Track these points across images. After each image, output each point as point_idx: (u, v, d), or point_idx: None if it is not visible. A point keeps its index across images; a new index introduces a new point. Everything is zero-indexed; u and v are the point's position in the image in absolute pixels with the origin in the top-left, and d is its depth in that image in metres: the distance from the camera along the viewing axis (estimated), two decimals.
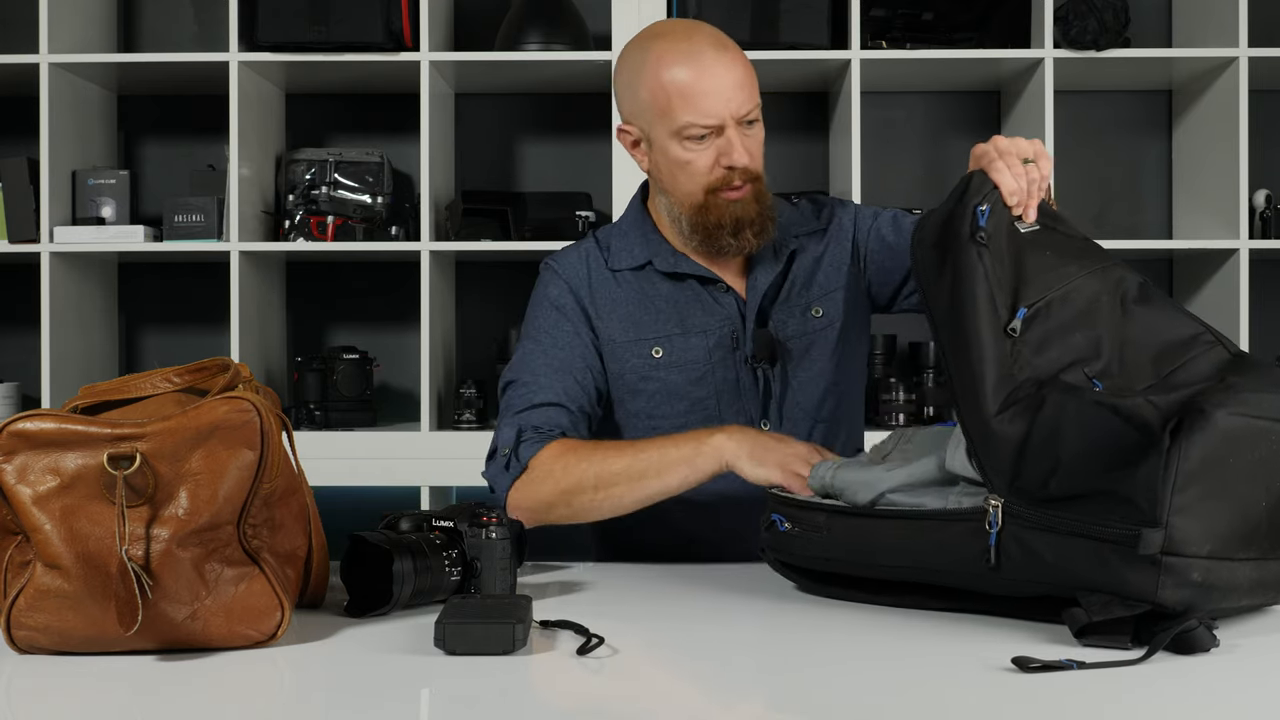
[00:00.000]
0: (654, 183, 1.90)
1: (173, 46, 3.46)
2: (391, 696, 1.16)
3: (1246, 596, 1.32)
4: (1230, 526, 1.28)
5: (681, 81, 1.77)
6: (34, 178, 3.13)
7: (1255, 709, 1.15)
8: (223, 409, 1.28)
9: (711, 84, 1.76)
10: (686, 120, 1.77)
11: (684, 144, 1.79)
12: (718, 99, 1.76)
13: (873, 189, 3.30)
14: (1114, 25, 3.08)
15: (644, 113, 1.82)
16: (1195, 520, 1.25)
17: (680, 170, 1.81)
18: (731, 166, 1.79)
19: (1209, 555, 1.26)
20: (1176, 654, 1.24)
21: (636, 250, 1.91)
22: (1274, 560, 1.32)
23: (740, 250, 1.85)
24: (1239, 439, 1.27)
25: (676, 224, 1.87)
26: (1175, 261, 3.49)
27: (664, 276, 1.90)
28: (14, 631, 1.26)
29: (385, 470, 3.09)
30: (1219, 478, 1.26)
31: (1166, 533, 1.25)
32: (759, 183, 1.83)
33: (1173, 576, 1.25)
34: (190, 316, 3.48)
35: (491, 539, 1.48)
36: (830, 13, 3.13)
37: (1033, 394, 1.36)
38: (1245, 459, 1.28)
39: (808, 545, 1.53)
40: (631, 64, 1.84)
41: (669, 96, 1.77)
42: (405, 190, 3.41)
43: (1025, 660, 1.18)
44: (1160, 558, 1.25)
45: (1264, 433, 1.29)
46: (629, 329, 1.88)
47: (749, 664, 1.29)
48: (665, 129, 1.80)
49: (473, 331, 3.45)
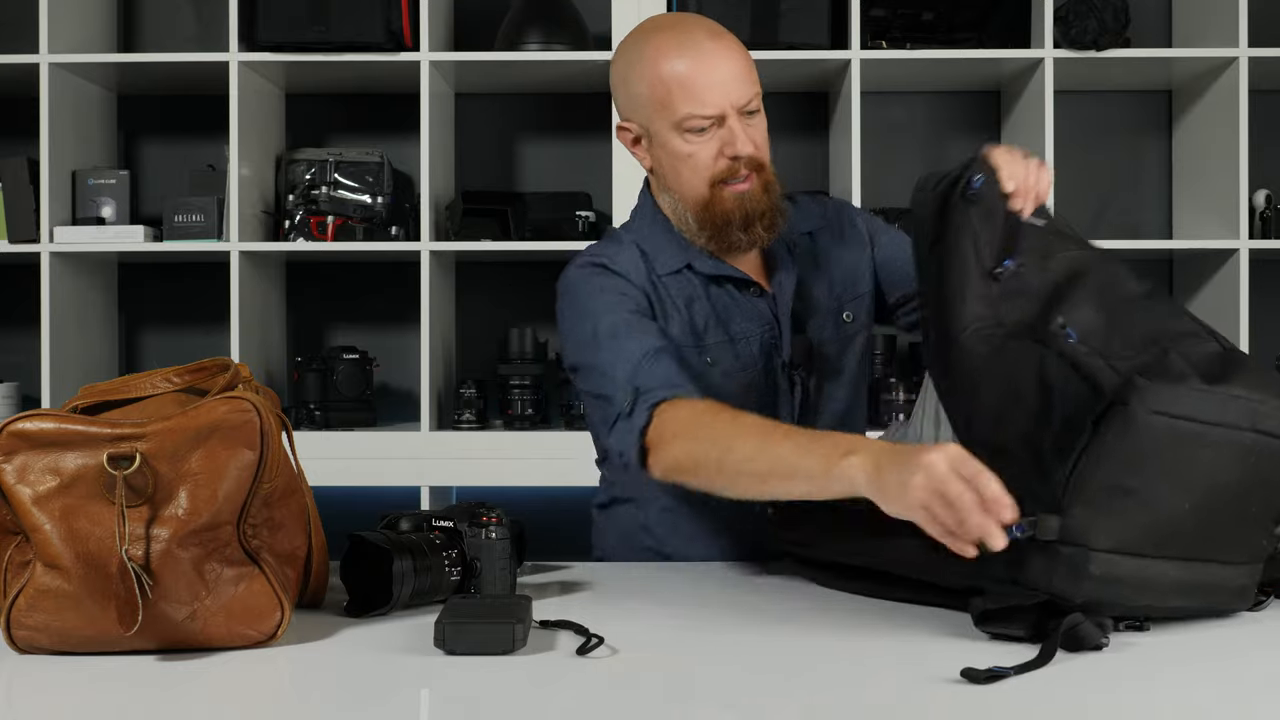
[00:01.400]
0: (657, 181, 1.85)
1: (173, 46, 3.46)
2: (391, 696, 1.16)
3: (1173, 597, 1.30)
4: (1142, 526, 1.26)
5: (680, 73, 1.73)
6: (34, 178, 3.13)
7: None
8: (222, 409, 1.28)
9: (710, 74, 1.73)
10: (686, 111, 1.73)
11: (685, 136, 1.75)
12: (717, 89, 1.73)
13: (873, 189, 3.30)
14: (1114, 25, 3.08)
15: (643, 108, 1.78)
16: (1100, 514, 1.24)
17: (683, 164, 1.77)
18: (736, 156, 1.75)
19: (1112, 550, 1.25)
20: (1067, 651, 1.24)
21: (671, 254, 1.84)
22: (1205, 563, 1.30)
23: (751, 244, 1.80)
24: (1159, 441, 1.24)
25: (683, 221, 1.83)
26: (1175, 261, 3.49)
27: (704, 280, 1.84)
28: (14, 631, 1.26)
29: (385, 470, 3.09)
30: (1135, 475, 1.24)
31: (1065, 522, 1.24)
32: (765, 173, 1.78)
33: (1068, 567, 1.24)
34: (190, 316, 3.48)
35: (491, 539, 1.48)
36: (830, 13, 3.13)
37: (1004, 331, 1.35)
38: (1163, 462, 1.25)
39: (804, 535, 1.57)
40: (627, 59, 1.80)
41: (668, 89, 1.74)
42: (405, 190, 3.41)
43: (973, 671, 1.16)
44: (1058, 547, 1.24)
45: (1189, 437, 1.25)
46: (686, 334, 1.81)
47: (749, 664, 1.29)
48: (665, 122, 1.76)
49: (473, 331, 3.45)
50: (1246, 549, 1.34)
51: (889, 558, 1.46)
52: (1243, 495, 1.30)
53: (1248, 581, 1.36)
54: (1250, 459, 1.28)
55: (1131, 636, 1.32)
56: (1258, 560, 1.36)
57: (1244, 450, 1.27)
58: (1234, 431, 1.26)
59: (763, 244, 1.81)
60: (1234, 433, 1.26)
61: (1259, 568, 1.37)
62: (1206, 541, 1.30)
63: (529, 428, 3.15)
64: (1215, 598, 1.34)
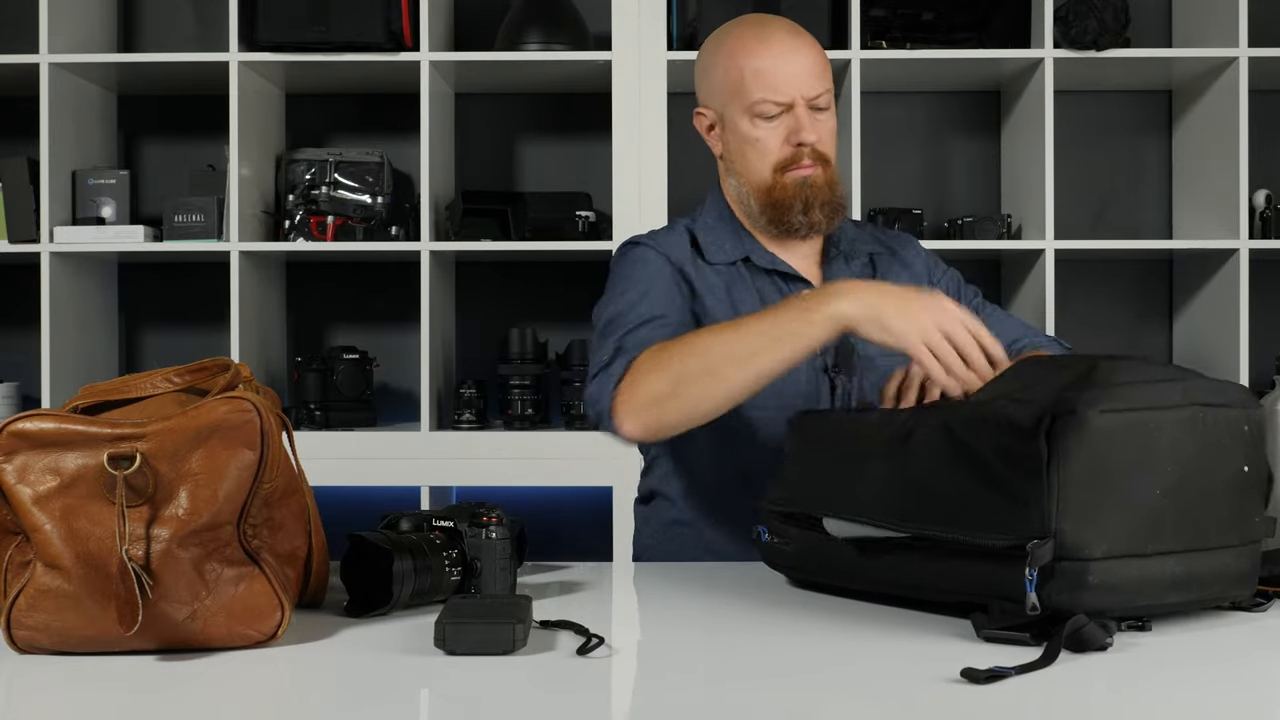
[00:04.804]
0: (725, 166, 1.94)
1: (173, 46, 3.46)
2: (391, 696, 1.16)
3: (1171, 594, 1.31)
4: (1125, 524, 1.27)
5: (756, 61, 1.84)
6: (34, 178, 3.13)
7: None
8: (223, 409, 1.28)
9: (784, 64, 1.83)
10: (758, 96, 1.83)
11: (755, 121, 1.85)
12: (789, 78, 1.83)
13: (873, 189, 3.30)
14: (1114, 25, 3.08)
15: (719, 93, 1.89)
16: (1085, 524, 1.26)
17: (751, 148, 1.86)
18: (801, 144, 1.84)
19: (1105, 556, 1.26)
20: (1073, 652, 1.24)
21: (729, 246, 1.92)
22: (1198, 552, 1.31)
23: (811, 228, 1.87)
24: (1115, 435, 1.27)
25: (745, 205, 1.91)
26: (1175, 261, 3.49)
27: (756, 273, 1.90)
28: (14, 631, 1.26)
29: (385, 470, 3.09)
30: (1103, 477, 1.26)
31: (1056, 539, 1.25)
32: (829, 168, 1.87)
33: (1066, 580, 1.26)
34: (190, 316, 3.48)
35: (491, 539, 1.48)
36: (830, 13, 3.13)
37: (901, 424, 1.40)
38: (1127, 454, 1.28)
39: (789, 557, 1.57)
40: (711, 48, 1.92)
41: (743, 75, 1.84)
42: (405, 190, 3.41)
43: (973, 671, 1.16)
44: (1054, 564, 1.26)
45: (1140, 424, 1.29)
46: (725, 313, 1.84)
47: (749, 664, 1.29)
48: (738, 106, 1.85)
49: (472, 331, 3.45)
50: (1236, 530, 1.34)
51: (875, 578, 1.46)
52: (1207, 468, 1.32)
53: (1247, 567, 1.36)
54: (1199, 428, 1.31)
55: (1133, 636, 1.32)
56: (1253, 542, 1.36)
57: (1191, 422, 1.31)
58: (1176, 410, 1.31)
59: (821, 230, 1.89)
60: (1177, 410, 1.31)
61: (1256, 552, 1.37)
62: (1193, 526, 1.31)
63: (529, 428, 3.15)
64: (1213, 588, 1.34)
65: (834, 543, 1.47)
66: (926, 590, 1.41)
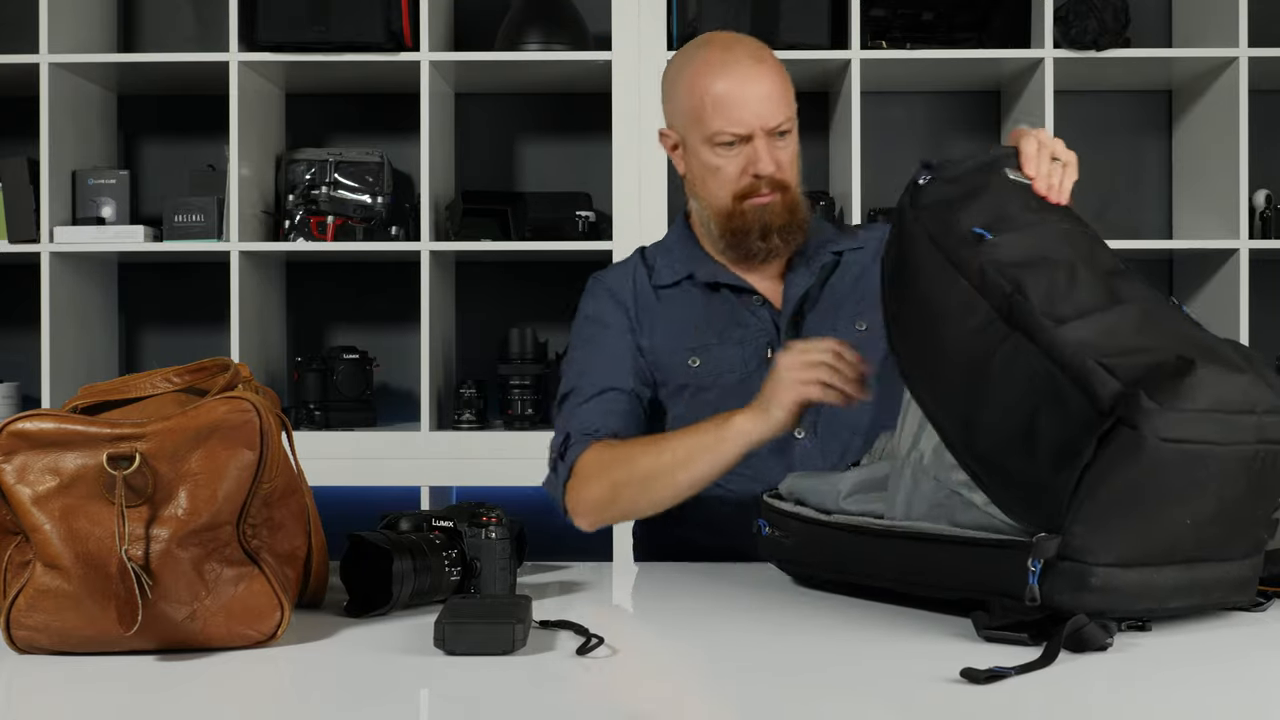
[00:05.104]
0: (689, 187, 1.96)
1: (173, 46, 3.46)
2: (391, 696, 1.16)
3: (1173, 599, 1.30)
4: (1141, 542, 1.25)
5: (716, 90, 1.84)
6: (34, 178, 3.13)
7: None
8: (222, 409, 1.28)
9: (743, 94, 1.84)
10: (717, 127, 1.84)
11: (715, 150, 1.87)
12: (748, 109, 1.84)
13: (873, 189, 3.30)
14: (1114, 25, 3.08)
15: (681, 117, 1.90)
16: (1101, 531, 1.23)
17: (711, 176, 1.88)
18: (758, 175, 1.85)
19: (1113, 564, 1.24)
20: (1072, 652, 1.23)
21: (678, 265, 1.96)
22: (1204, 563, 1.30)
23: (769, 253, 1.90)
24: (1169, 466, 1.21)
25: (706, 227, 1.93)
26: (1175, 261, 3.49)
27: (703, 289, 1.94)
28: (14, 631, 1.26)
29: (385, 470, 3.09)
30: (1138, 501, 1.23)
31: (1064, 539, 1.23)
32: (789, 193, 1.88)
33: (1068, 581, 1.24)
34: (190, 316, 3.48)
35: (491, 539, 1.48)
36: (830, 13, 3.12)
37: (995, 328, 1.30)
38: (1173, 485, 1.23)
39: (788, 550, 1.57)
40: (675, 70, 1.93)
41: (704, 103, 1.85)
42: (405, 190, 3.41)
43: (973, 671, 1.16)
44: (1057, 562, 1.24)
45: (1198, 457, 1.22)
46: (669, 338, 1.92)
47: (749, 664, 1.29)
48: (699, 134, 1.87)
49: (472, 331, 3.45)
50: (1244, 544, 1.33)
51: (874, 571, 1.45)
52: (1248, 502, 1.29)
53: (1249, 574, 1.35)
54: (1255, 466, 1.26)
55: (1133, 637, 1.32)
56: (1257, 552, 1.36)
57: (1249, 459, 1.25)
58: (1240, 446, 1.25)
59: (780, 254, 1.91)
60: (1241, 448, 1.25)
61: (1259, 559, 1.37)
62: (1205, 545, 1.29)
63: (529, 428, 3.15)
64: (1215, 594, 1.34)
65: (834, 535, 1.46)
66: (927, 584, 1.39)
